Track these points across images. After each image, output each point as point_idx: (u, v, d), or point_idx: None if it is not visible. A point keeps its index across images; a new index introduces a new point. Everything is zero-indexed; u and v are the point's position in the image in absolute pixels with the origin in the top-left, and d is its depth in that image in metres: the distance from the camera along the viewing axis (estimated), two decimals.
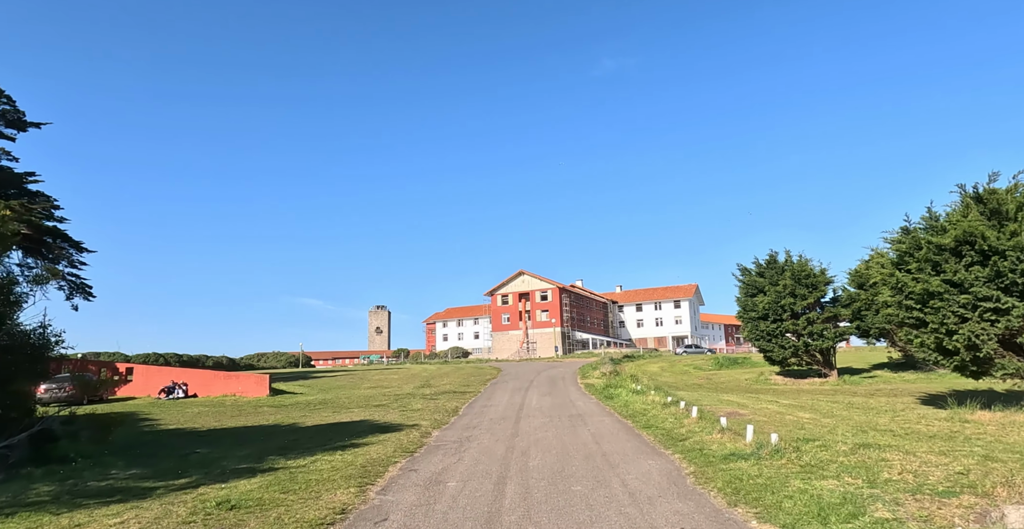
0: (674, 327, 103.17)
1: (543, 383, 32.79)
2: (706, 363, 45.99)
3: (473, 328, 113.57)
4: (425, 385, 35.08)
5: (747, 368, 43.20)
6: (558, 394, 26.37)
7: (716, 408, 20.01)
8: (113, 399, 33.59)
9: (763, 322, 32.28)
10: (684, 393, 26.41)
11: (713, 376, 38.71)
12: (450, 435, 15.49)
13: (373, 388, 34.60)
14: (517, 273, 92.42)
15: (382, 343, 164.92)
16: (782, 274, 32.59)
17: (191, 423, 21.37)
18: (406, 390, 32.18)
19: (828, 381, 31.65)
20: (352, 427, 17.92)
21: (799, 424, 16.57)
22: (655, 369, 44.55)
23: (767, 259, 33.98)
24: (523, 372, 43.18)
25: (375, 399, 27.96)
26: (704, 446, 12.28)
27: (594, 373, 36.40)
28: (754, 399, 24.26)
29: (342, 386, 36.34)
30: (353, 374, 45.79)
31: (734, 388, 31.96)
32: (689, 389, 31.20)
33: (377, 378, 41.21)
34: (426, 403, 24.51)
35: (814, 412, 19.45)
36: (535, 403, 22.80)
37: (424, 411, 21.36)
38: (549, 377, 37.04)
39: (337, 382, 39.23)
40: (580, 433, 14.92)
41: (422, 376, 42.04)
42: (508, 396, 26.32)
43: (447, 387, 32.96)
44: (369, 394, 30.81)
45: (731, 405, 21.55)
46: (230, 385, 32.08)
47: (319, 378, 43.75)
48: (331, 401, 27.86)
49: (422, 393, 29.70)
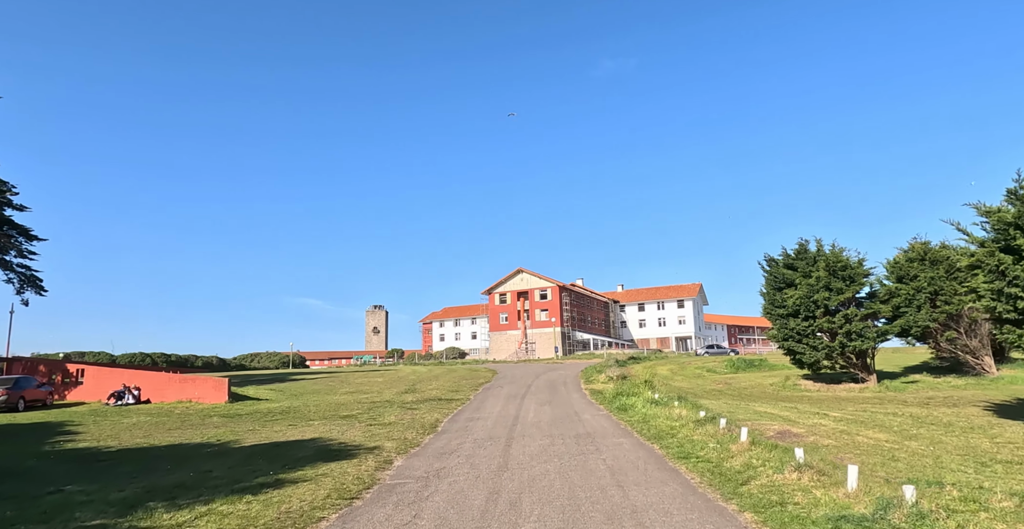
0: (677, 327, 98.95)
1: (542, 388, 28.61)
2: (720, 366, 41.76)
3: (471, 328, 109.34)
4: (410, 390, 30.87)
5: (765, 371, 38.97)
6: (560, 403, 22.19)
7: (759, 425, 15.80)
8: (59, 404, 29.45)
9: (793, 319, 28.05)
10: (708, 402, 22.22)
11: (731, 381, 34.48)
12: (416, 467, 11.28)
13: (351, 393, 30.40)
14: (516, 271, 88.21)
15: (379, 343, 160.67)
16: (814, 264, 28.36)
17: (112, 440, 17.21)
18: (386, 396, 27.97)
19: (867, 387, 27.46)
20: (295, 450, 13.73)
21: (883, 450, 12.36)
22: (665, 372, 40.33)
23: (796, 249, 29.72)
24: (520, 375, 38.99)
25: (347, 407, 23.78)
26: (783, 496, 8.06)
27: (599, 377, 32.21)
28: (794, 410, 20.06)
29: (318, 391, 32.14)
30: (336, 376, 41.58)
31: (760, 395, 27.75)
32: (709, 397, 26.99)
33: (360, 381, 37.01)
34: (403, 414, 20.30)
35: (886, 431, 15.24)
36: (532, 416, 18.59)
37: (395, 427, 17.15)
38: (549, 381, 32.85)
39: (314, 386, 35.04)
40: (593, 466, 10.72)
41: (409, 379, 37.84)
42: (501, 405, 22.12)
43: (433, 393, 28.76)
44: (343, 401, 26.62)
45: (774, 419, 17.34)
46: (186, 390, 27.89)
47: (298, 381, 39.54)
48: (295, 410, 23.68)
49: (402, 401, 25.50)
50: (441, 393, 28.38)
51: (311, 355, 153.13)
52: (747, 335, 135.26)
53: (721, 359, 45.77)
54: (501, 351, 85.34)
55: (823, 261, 27.80)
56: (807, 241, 29.35)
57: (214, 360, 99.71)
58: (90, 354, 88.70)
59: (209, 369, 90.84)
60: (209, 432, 17.95)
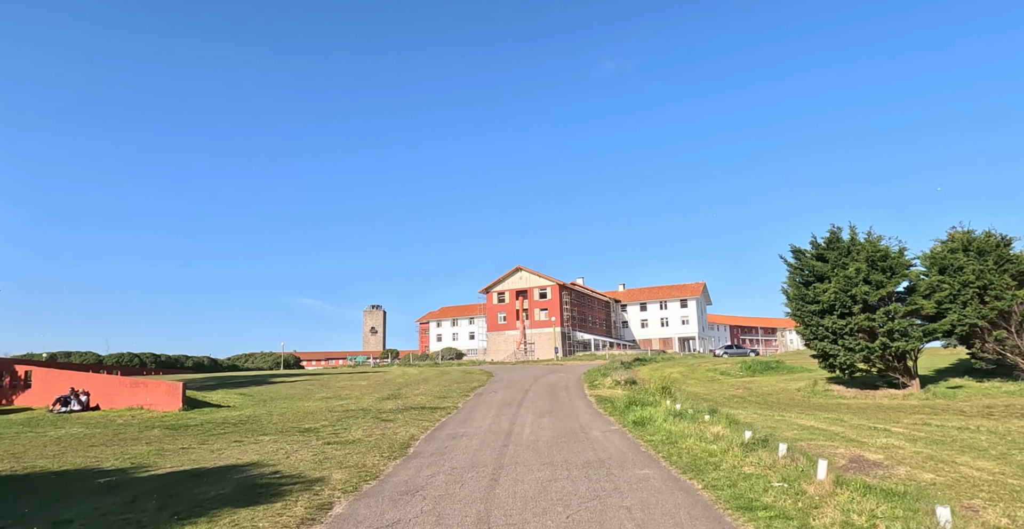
0: (680, 327, 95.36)
1: (541, 394, 25.08)
2: (734, 368, 38.18)
3: (468, 328, 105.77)
4: (393, 395, 27.33)
5: (784, 374, 35.38)
6: (562, 413, 18.64)
7: (817, 446, 12.27)
8: (2, 409, 25.99)
9: (828, 317, 24.48)
10: (734, 412, 18.70)
11: (750, 385, 30.91)
12: (359, 520, 7.75)
13: (326, 399, 26.86)
14: (514, 269, 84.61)
15: (377, 344, 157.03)
16: (848, 255, 24.80)
17: (11, 460, 13.74)
18: (364, 403, 24.44)
19: (911, 393, 23.91)
20: (210, 484, 10.19)
21: (1015, 491, 8.84)
22: (675, 375, 36.77)
23: (827, 237, 26.11)
24: (518, 378, 35.46)
25: (314, 417, 20.26)
26: None
27: (605, 381, 28.67)
28: (843, 424, 16.50)
29: (291, 396, 28.60)
30: (320, 379, 38.00)
31: (790, 402, 24.20)
32: (732, 404, 23.45)
33: (341, 385, 33.46)
34: (373, 428, 16.75)
35: (984, 456, 11.68)
36: (528, 432, 15.04)
37: (358, 447, 13.60)
38: (549, 385, 29.32)
39: (291, 390, 31.49)
40: (616, 522, 7.21)
41: (396, 382, 34.30)
42: (493, 416, 18.57)
43: (418, 399, 25.22)
44: (313, 409, 23.09)
45: (831, 439, 13.80)
46: (138, 395, 24.36)
47: (277, 384, 35.99)
48: (252, 420, 20.15)
49: (380, 409, 21.96)
50: (427, 399, 24.85)
51: (308, 355, 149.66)
52: (749, 336, 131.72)
53: (734, 361, 42.20)
54: (499, 352, 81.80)
55: (863, 250, 24.21)
56: (839, 228, 25.77)
57: (205, 360, 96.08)
58: (76, 354, 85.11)
59: (199, 370, 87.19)
60: (133, 451, 14.44)
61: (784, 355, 55.31)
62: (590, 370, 37.62)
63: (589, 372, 35.77)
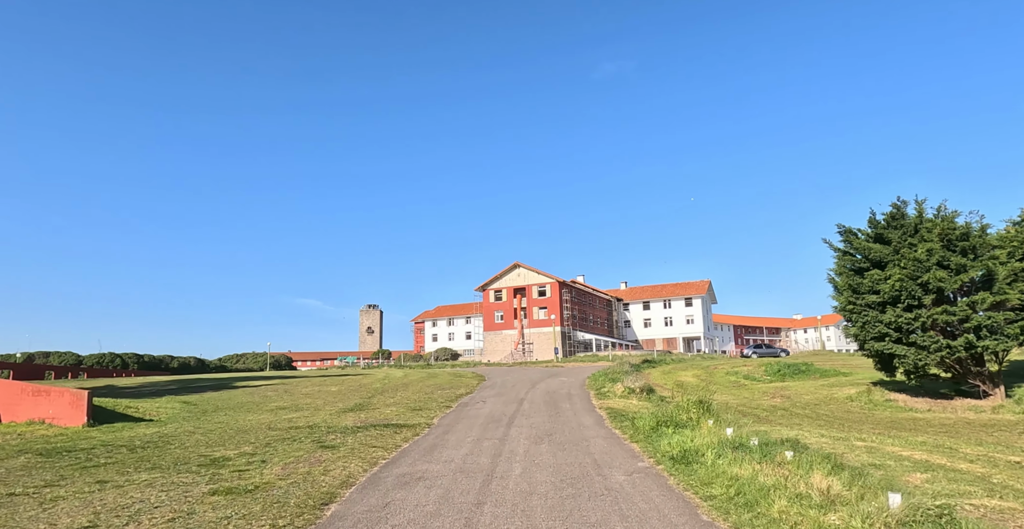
0: (685, 327, 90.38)
1: (539, 405, 20.16)
2: (758, 371, 33.20)
3: (465, 328, 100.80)
4: (360, 406, 22.39)
5: (818, 378, 30.39)
6: (566, 437, 13.71)
7: (981, 508, 7.35)
8: None
9: (891, 310, 19.58)
10: (789, 432, 13.81)
11: (785, 392, 25.94)
12: None
13: (279, 410, 21.92)
14: (512, 266, 79.62)
15: (374, 344, 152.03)
16: (915, 234, 19.90)
17: None
18: (320, 416, 19.49)
19: (1001, 405, 19.00)
20: None
21: None
22: (691, 380, 31.84)
23: (888, 214, 21.18)
24: (513, 383, 30.53)
25: (241, 438, 15.31)
26: None
27: (614, 387, 23.73)
28: (979, 460, 11.56)
29: (241, 405, 23.67)
30: (288, 384, 33.07)
31: (850, 417, 19.23)
32: (778, 419, 18.53)
33: (307, 391, 28.50)
34: (301, 461, 11.77)
35: None
36: (518, 473, 10.06)
37: (252, 501, 8.60)
38: (548, 393, 24.41)
39: (247, 397, 26.58)
40: None
41: (372, 388, 29.35)
42: (472, 441, 13.62)
43: (388, 411, 20.26)
44: (253, 425, 18.14)
45: (973, 483, 8.85)
46: (40, 406, 19.42)
47: (238, 389, 31.13)
48: (163, 442, 15.20)
49: (332, 426, 16.98)
50: (398, 412, 19.91)
51: (302, 355, 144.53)
52: (753, 335, 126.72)
53: (757, 363, 37.19)
54: (496, 352, 76.83)
55: (935, 228, 19.31)
56: (904, 202, 20.82)
57: (191, 361, 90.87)
58: (55, 355, 79.82)
59: (186, 371, 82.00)
60: None
61: (797, 355, 50.28)
62: (594, 373, 32.72)
63: (594, 376, 30.86)
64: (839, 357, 44.53)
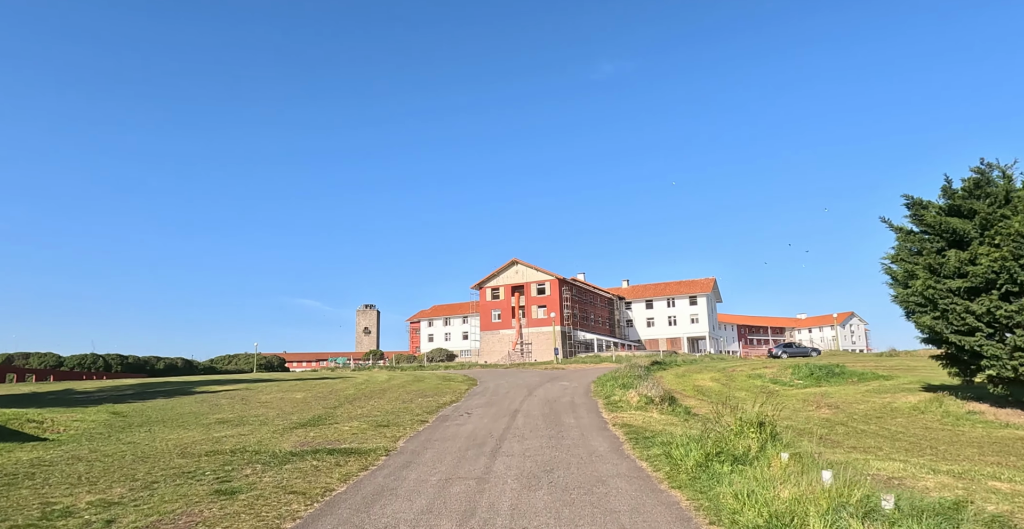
0: (690, 327, 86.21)
1: (536, 421, 15.95)
2: (783, 373, 28.96)
3: (461, 328, 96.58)
4: (319, 419, 18.14)
5: (858, 383, 26.11)
6: (574, 475, 9.47)
7: None
8: None
9: (983, 298, 15.39)
10: (882, 464, 9.61)
11: (827, 399, 21.69)
12: None
13: (219, 424, 17.67)
14: (510, 262, 75.45)
15: (371, 344, 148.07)
16: (1007, 204, 15.71)
17: None
18: (258, 435, 15.22)
19: None
20: None
21: None
22: (710, 384, 27.64)
23: (970, 181, 16.99)
24: (507, 389, 26.35)
25: (133, 473, 11.03)
26: None
27: (627, 396, 19.48)
28: None
29: (179, 417, 19.43)
30: (252, 389, 28.83)
31: (934, 435, 14.94)
32: (842, 441, 14.30)
33: (266, 399, 24.27)
34: (175, 518, 7.61)
35: None
36: None
37: None
38: (547, 401, 20.22)
39: (195, 406, 22.33)
40: None
41: (345, 394, 25.13)
42: (440, 479, 9.38)
43: (347, 428, 15.96)
44: (170, 446, 13.88)
45: None
46: None
47: (194, 395, 26.93)
48: (27, 476, 10.93)
49: (265, 450, 12.72)
50: (359, 428, 15.67)
51: (296, 356, 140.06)
52: (757, 336, 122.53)
53: (781, 364, 32.92)
54: (493, 353, 72.61)
55: None
56: (989, 166, 16.55)
57: (179, 362, 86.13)
58: (36, 355, 75.10)
59: (172, 372, 77.26)
60: None
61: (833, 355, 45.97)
62: (600, 377, 28.53)
63: (600, 380, 26.68)
64: (863, 357, 40.27)
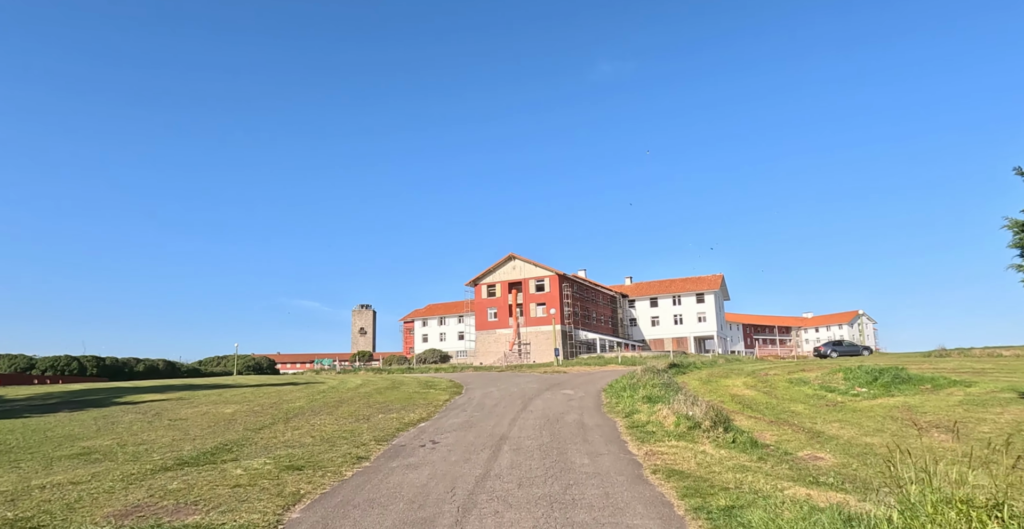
0: (697, 326, 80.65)
1: (530, 461, 10.46)
2: (834, 378, 23.39)
3: (456, 327, 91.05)
4: (224, 448, 12.54)
5: (936, 391, 20.47)
6: None
7: None
8: None
9: None
10: None
11: (922, 416, 16.09)
12: None
13: (78, 456, 12.07)
14: (507, 257, 69.88)
15: (367, 344, 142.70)
16: None
17: None
18: (101, 482, 9.59)
19: None
20: None
21: None
22: (745, 391, 22.12)
23: None
24: (496, 399, 20.82)
25: None
26: None
27: (657, 414, 13.94)
28: None
29: (41, 443, 13.85)
30: (184, 399, 23.26)
31: None
32: None
33: (187, 413, 18.71)
34: None
35: None
36: None
37: None
38: (547, 421, 14.72)
39: (84, 426, 16.75)
40: None
41: (289, 408, 19.57)
42: None
43: (240, 471, 10.33)
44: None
45: None
46: None
47: (109, 407, 21.44)
48: None
49: (125, 505, 7.18)
50: (260, 473, 10.07)
51: (286, 357, 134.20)
52: (763, 335, 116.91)
53: (824, 366, 27.28)
54: (489, 354, 67.01)
55: None
56: None
57: (160, 364, 79.90)
58: (6, 357, 69.33)
59: (154, 375, 71.12)
60: None
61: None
62: (611, 384, 23.00)
63: (613, 389, 21.17)
64: (911, 358, 34.63)
